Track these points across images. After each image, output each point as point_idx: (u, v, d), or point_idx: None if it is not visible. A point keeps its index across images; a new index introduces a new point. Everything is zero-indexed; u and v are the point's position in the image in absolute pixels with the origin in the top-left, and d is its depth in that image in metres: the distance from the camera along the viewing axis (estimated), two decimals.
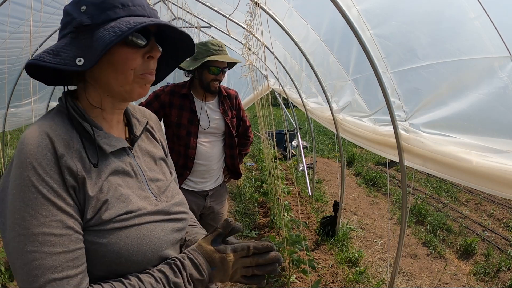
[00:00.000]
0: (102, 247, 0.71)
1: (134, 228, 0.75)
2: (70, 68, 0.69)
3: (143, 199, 0.81)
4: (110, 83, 0.76)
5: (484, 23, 1.60)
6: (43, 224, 0.65)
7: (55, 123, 0.74)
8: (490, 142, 1.72)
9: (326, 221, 4.15)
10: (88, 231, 0.72)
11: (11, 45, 3.78)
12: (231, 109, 2.25)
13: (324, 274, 3.26)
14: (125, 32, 0.68)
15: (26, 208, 0.65)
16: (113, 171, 0.78)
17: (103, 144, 0.77)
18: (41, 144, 0.68)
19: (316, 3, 3.06)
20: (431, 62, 2.00)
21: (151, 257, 0.77)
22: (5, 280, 2.99)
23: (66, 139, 0.72)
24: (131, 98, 0.80)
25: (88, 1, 0.73)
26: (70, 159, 0.71)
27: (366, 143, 3.07)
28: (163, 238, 0.80)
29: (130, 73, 0.76)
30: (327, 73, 3.74)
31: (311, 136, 6.64)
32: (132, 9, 0.74)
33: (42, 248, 0.65)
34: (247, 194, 5.67)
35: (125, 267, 0.74)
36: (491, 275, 3.57)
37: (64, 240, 0.67)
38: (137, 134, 0.89)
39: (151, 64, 0.78)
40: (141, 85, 0.78)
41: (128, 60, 0.75)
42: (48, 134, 0.70)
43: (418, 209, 5.19)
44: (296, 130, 7.52)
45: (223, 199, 2.32)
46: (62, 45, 0.73)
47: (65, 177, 0.70)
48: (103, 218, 0.72)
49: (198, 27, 4.83)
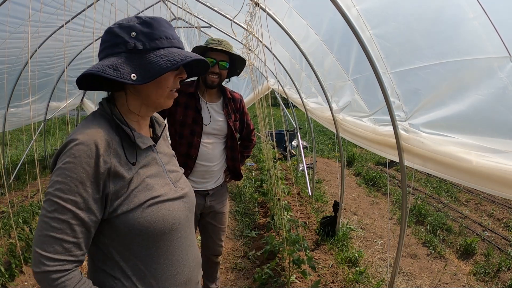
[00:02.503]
0: (132, 221, 0.93)
1: (156, 207, 0.96)
2: (127, 82, 0.89)
3: (165, 185, 1.03)
4: (150, 95, 0.99)
5: (484, 23, 1.60)
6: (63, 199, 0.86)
7: (100, 126, 0.94)
8: (490, 142, 1.72)
9: (326, 221, 4.15)
10: (121, 211, 0.92)
11: (11, 45, 3.78)
12: (235, 112, 2.25)
13: (324, 274, 3.26)
14: (179, 62, 0.91)
15: (58, 187, 0.86)
16: (142, 165, 0.99)
17: (138, 142, 0.99)
18: (87, 145, 0.88)
19: (316, 3, 3.06)
20: (430, 62, 2.00)
21: (167, 230, 0.98)
22: (5, 280, 3.00)
23: (107, 140, 0.93)
24: (162, 108, 1.03)
25: (138, 29, 0.93)
26: (107, 156, 0.91)
27: (366, 143, 3.07)
28: (178, 215, 1.02)
29: (166, 89, 0.99)
30: (326, 73, 3.74)
31: (311, 136, 6.63)
32: (173, 42, 0.97)
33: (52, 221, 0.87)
34: (247, 194, 5.67)
35: (149, 241, 0.96)
36: (491, 275, 3.57)
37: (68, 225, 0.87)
38: (158, 134, 1.13)
39: (178, 83, 1.02)
40: (170, 98, 1.02)
41: (168, 80, 0.98)
42: (95, 138, 0.90)
43: (418, 209, 5.19)
44: (296, 130, 7.52)
45: (224, 199, 2.32)
46: (120, 62, 0.91)
47: (99, 173, 0.89)
48: (135, 203, 0.93)
49: (198, 27, 4.83)
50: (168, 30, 0.96)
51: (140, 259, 0.97)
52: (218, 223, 2.31)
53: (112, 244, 0.96)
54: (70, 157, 0.87)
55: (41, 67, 5.08)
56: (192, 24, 4.98)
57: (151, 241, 0.96)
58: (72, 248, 0.87)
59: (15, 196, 5.45)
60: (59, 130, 10.53)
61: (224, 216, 2.34)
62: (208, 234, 2.34)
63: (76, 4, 3.61)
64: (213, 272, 2.48)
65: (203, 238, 2.40)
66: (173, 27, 1.00)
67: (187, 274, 1.07)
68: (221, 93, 2.23)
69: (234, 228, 4.48)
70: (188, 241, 1.09)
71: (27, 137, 9.03)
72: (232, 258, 3.69)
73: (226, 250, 3.81)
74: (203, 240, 2.40)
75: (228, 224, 3.52)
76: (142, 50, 0.92)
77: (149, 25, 0.94)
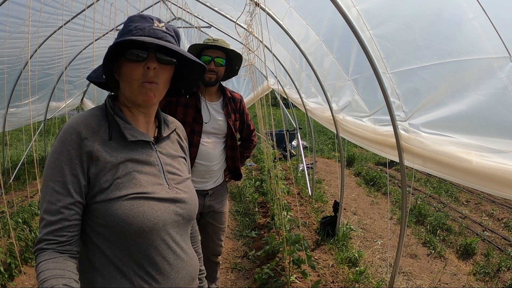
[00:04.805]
0: (109, 210, 0.92)
1: (138, 202, 0.94)
2: (99, 81, 0.99)
3: (156, 184, 0.99)
4: (124, 91, 0.99)
5: (483, 24, 1.60)
6: (52, 180, 0.91)
7: (91, 115, 0.98)
8: (489, 142, 1.72)
9: (326, 221, 4.15)
10: (101, 199, 0.92)
11: (11, 45, 3.78)
12: (235, 112, 2.25)
13: (324, 274, 3.26)
14: (110, 49, 0.90)
15: (48, 167, 0.92)
16: (132, 159, 0.98)
17: (126, 133, 0.98)
18: (73, 128, 0.93)
19: (316, 3, 3.06)
20: (430, 62, 2.00)
21: (147, 229, 0.94)
22: (5, 280, 3.00)
23: (94, 127, 0.95)
24: (137, 102, 1.00)
25: (120, 31, 0.99)
26: (92, 142, 0.93)
27: (366, 143, 3.07)
28: (164, 216, 0.98)
29: (133, 82, 0.95)
30: (326, 73, 3.74)
31: (311, 136, 6.64)
32: (133, 33, 0.94)
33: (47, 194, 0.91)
34: (247, 194, 5.67)
35: (127, 235, 0.93)
36: (491, 275, 3.57)
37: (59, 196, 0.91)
38: (163, 135, 1.10)
39: (149, 73, 0.95)
40: (142, 92, 0.96)
41: (130, 72, 0.95)
42: (82, 123, 0.94)
43: (418, 209, 5.19)
44: (296, 130, 7.52)
45: (223, 199, 2.32)
46: (101, 65, 0.98)
47: (82, 154, 0.92)
48: (115, 194, 0.92)
49: (198, 27, 4.84)
50: (135, 23, 0.96)
51: (118, 253, 0.95)
52: (217, 223, 2.31)
53: (91, 232, 0.96)
54: (58, 141, 0.93)
55: (41, 67, 5.08)
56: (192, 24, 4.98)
57: (129, 235, 0.93)
58: (60, 228, 0.89)
59: (15, 196, 5.45)
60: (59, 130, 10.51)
61: (224, 216, 2.34)
62: (207, 234, 2.34)
63: (76, 4, 3.60)
64: (213, 272, 2.48)
65: (202, 238, 2.40)
66: (148, 18, 0.98)
67: (170, 285, 0.99)
68: (221, 93, 2.24)
69: (234, 228, 4.48)
70: (177, 248, 1.01)
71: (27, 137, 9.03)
72: (232, 258, 3.69)
73: (226, 250, 3.81)
74: (203, 240, 2.40)
75: (228, 224, 3.52)
76: (112, 49, 0.94)
77: (125, 25, 0.97)
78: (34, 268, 3.34)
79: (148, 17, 0.98)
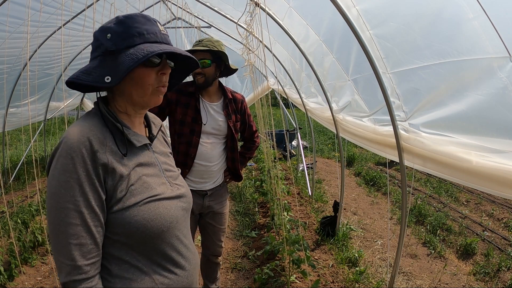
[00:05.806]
0: (128, 218, 0.92)
1: (153, 205, 0.96)
2: (101, 85, 0.90)
3: (161, 185, 1.03)
4: (132, 95, 0.98)
5: (483, 24, 1.60)
6: (68, 201, 0.86)
7: (93, 124, 0.95)
8: (489, 142, 1.72)
9: (326, 221, 4.15)
10: (118, 208, 0.92)
11: (10, 45, 3.78)
12: (236, 113, 2.24)
13: (324, 274, 3.26)
14: (140, 59, 0.88)
15: (59, 187, 0.86)
16: (139, 163, 1.00)
17: (133, 140, 1.00)
18: (80, 141, 0.89)
19: (316, 3, 3.06)
20: (430, 62, 2.00)
21: (165, 229, 0.98)
22: (5, 280, 2.99)
23: (100, 138, 0.93)
24: (148, 106, 1.02)
25: (112, 30, 0.93)
26: (103, 153, 0.91)
27: (366, 143, 3.06)
28: (176, 213, 1.02)
29: (148, 87, 0.97)
30: (326, 73, 3.73)
31: (311, 136, 6.63)
32: (146, 37, 0.94)
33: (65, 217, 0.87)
34: (247, 194, 5.67)
35: (147, 238, 0.95)
36: (491, 275, 3.57)
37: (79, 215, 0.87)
38: (154, 134, 1.13)
39: (163, 79, 0.99)
40: (156, 96, 1.00)
41: (145, 77, 0.96)
42: (88, 135, 0.91)
43: (418, 209, 5.19)
44: (296, 130, 7.51)
45: (223, 199, 2.31)
46: (93, 66, 0.93)
47: (98, 168, 0.90)
48: (131, 201, 0.93)
49: (198, 27, 4.84)
50: (142, 25, 0.94)
51: (137, 256, 0.97)
52: (217, 224, 2.31)
53: (108, 241, 0.95)
54: (66, 158, 0.86)
55: (41, 67, 5.08)
56: (192, 24, 4.98)
57: (148, 238, 0.95)
58: (92, 249, 0.89)
59: (14, 196, 5.45)
60: (59, 130, 10.52)
61: (224, 217, 2.33)
62: (207, 235, 2.34)
63: (76, 4, 3.60)
64: (213, 272, 2.48)
65: (203, 238, 2.40)
66: (152, 20, 0.97)
67: (186, 277, 1.06)
68: (222, 94, 2.23)
69: (234, 228, 4.48)
70: (186, 241, 1.08)
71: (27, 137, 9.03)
72: (232, 258, 3.69)
73: (226, 250, 3.81)
74: (203, 240, 2.40)
75: (228, 224, 3.52)
76: (115, 51, 0.92)
77: (123, 24, 0.93)
78: (34, 268, 3.34)
79: (152, 19, 0.98)
